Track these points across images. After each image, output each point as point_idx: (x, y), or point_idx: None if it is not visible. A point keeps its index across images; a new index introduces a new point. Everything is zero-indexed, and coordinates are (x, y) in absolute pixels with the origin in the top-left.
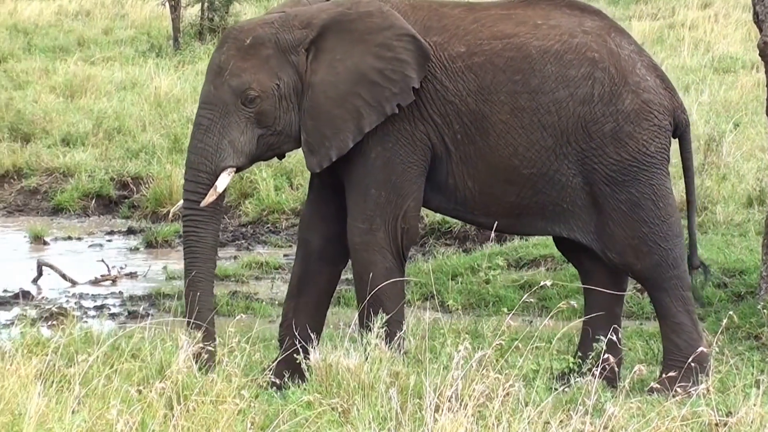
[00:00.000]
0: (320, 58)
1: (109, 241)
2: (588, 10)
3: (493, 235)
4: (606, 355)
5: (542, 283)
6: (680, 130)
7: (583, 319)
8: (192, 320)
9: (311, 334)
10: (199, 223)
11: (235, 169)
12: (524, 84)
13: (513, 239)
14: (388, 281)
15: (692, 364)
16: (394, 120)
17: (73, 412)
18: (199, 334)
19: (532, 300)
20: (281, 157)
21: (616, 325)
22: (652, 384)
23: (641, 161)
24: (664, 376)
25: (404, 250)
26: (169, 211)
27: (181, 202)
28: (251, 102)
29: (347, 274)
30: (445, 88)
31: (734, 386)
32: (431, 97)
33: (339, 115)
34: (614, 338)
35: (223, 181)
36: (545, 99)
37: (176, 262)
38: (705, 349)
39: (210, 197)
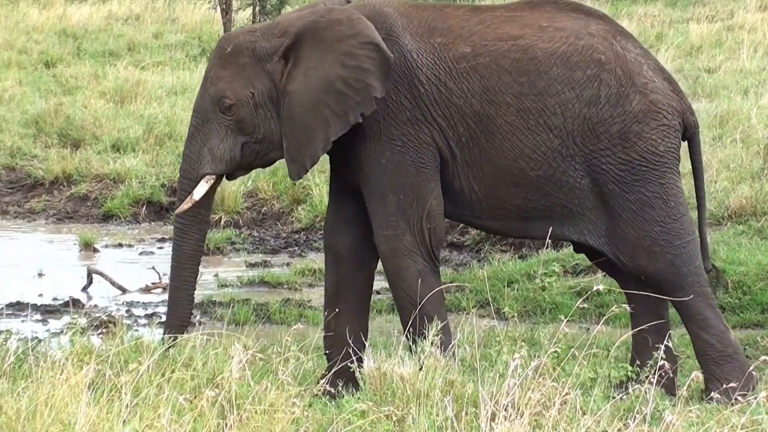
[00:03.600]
0: (298, 66)
1: (160, 248)
2: (593, 14)
3: (548, 241)
4: (663, 363)
5: (595, 288)
6: (689, 132)
7: (634, 331)
8: (166, 325)
9: (359, 338)
10: (178, 231)
11: (214, 176)
12: (530, 86)
13: (569, 245)
14: (424, 286)
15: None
16: (399, 124)
17: (123, 421)
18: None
19: (587, 306)
20: (269, 164)
21: (669, 331)
22: (712, 393)
23: (650, 161)
24: (716, 382)
25: (434, 250)
26: (220, 218)
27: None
28: (228, 110)
29: None
30: (449, 90)
31: None
32: (435, 100)
33: (311, 124)
34: (670, 344)
35: (200, 189)
36: (551, 101)
37: (227, 270)
38: (734, 340)
39: (185, 204)
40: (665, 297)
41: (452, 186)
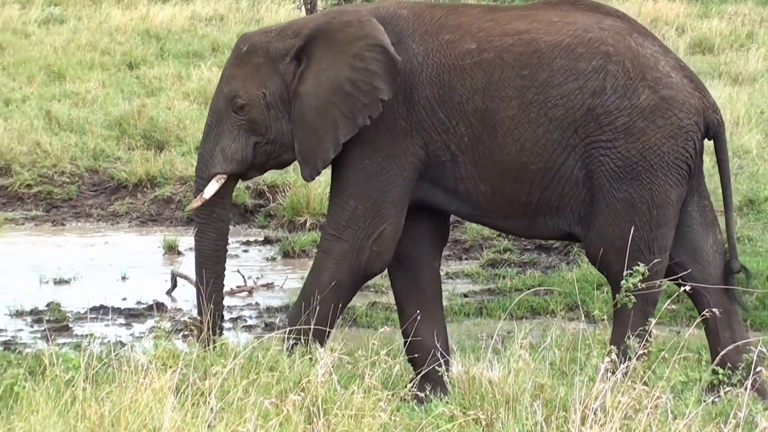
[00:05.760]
0: (310, 68)
1: (245, 251)
2: (611, 13)
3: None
4: (760, 369)
5: (682, 289)
6: (712, 130)
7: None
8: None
9: (440, 339)
10: (197, 231)
11: (225, 176)
12: (532, 78)
13: None
14: (333, 295)
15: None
16: (390, 134)
17: (208, 426)
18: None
19: (677, 308)
20: (283, 166)
21: (741, 325)
22: None
23: (649, 160)
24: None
25: (366, 270)
26: (305, 220)
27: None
28: (240, 109)
29: (483, 284)
30: (452, 89)
31: None
32: (436, 102)
33: (321, 125)
34: (764, 349)
35: (211, 188)
36: (553, 92)
37: None
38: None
39: (195, 203)
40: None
41: (457, 189)
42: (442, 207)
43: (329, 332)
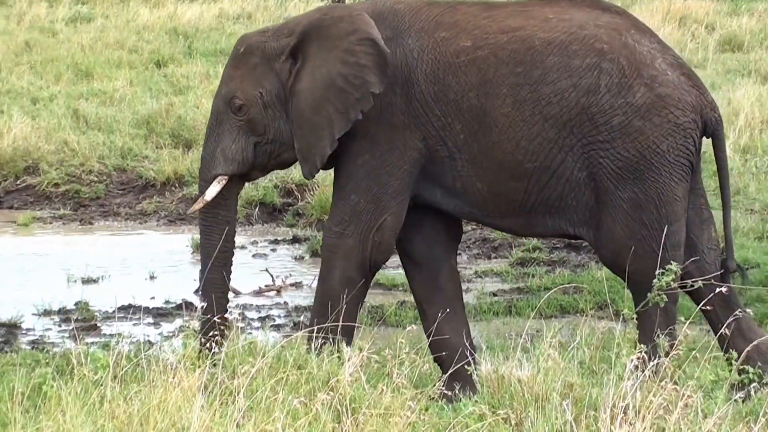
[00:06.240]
0: (305, 65)
1: (273, 250)
2: (610, 9)
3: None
4: None
5: (718, 290)
6: (710, 128)
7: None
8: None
9: (464, 336)
10: (201, 233)
11: (226, 177)
12: (526, 76)
13: None
14: (345, 293)
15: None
16: (388, 128)
17: (237, 425)
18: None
19: (709, 308)
20: (285, 165)
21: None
22: None
23: (650, 159)
24: None
25: (371, 262)
26: None
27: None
28: (239, 110)
29: (512, 283)
30: (447, 86)
31: None
32: (431, 98)
33: (317, 122)
34: None
35: (212, 189)
36: (546, 90)
37: None
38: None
39: (196, 205)
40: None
41: (455, 186)
42: (441, 205)
43: (354, 329)
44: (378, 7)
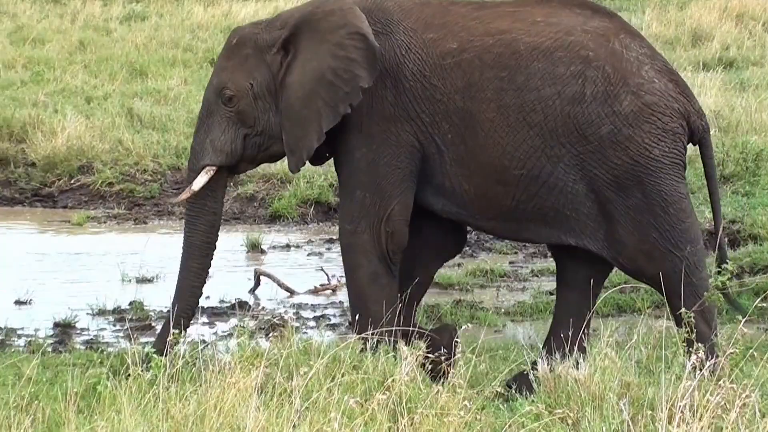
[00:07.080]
0: (296, 58)
1: (328, 249)
2: (600, 11)
3: (722, 240)
4: None
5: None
6: (697, 136)
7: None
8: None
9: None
10: (187, 222)
11: (214, 167)
12: (510, 81)
13: (747, 244)
14: (376, 287)
15: None
16: (380, 121)
17: (293, 426)
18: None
19: (766, 306)
20: (274, 159)
21: None
22: None
23: (645, 165)
24: None
25: (390, 253)
26: None
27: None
28: (229, 101)
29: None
30: (433, 86)
31: None
32: (419, 96)
33: (306, 115)
34: None
35: (200, 180)
36: (530, 96)
37: None
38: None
39: (183, 195)
40: None
41: (443, 185)
42: (430, 206)
43: (404, 321)
44: (367, 2)
